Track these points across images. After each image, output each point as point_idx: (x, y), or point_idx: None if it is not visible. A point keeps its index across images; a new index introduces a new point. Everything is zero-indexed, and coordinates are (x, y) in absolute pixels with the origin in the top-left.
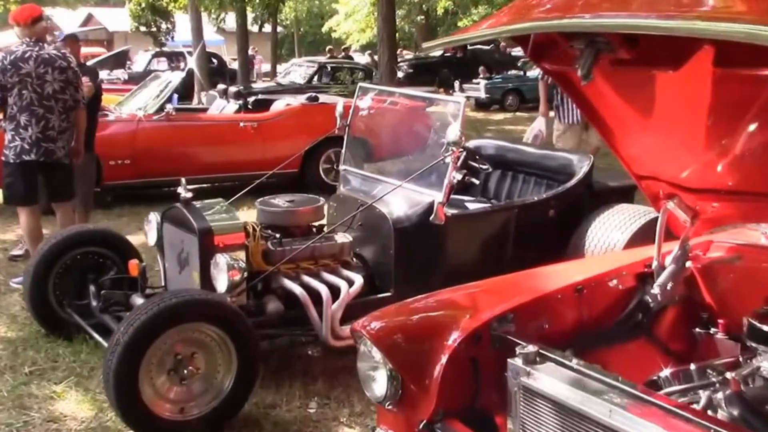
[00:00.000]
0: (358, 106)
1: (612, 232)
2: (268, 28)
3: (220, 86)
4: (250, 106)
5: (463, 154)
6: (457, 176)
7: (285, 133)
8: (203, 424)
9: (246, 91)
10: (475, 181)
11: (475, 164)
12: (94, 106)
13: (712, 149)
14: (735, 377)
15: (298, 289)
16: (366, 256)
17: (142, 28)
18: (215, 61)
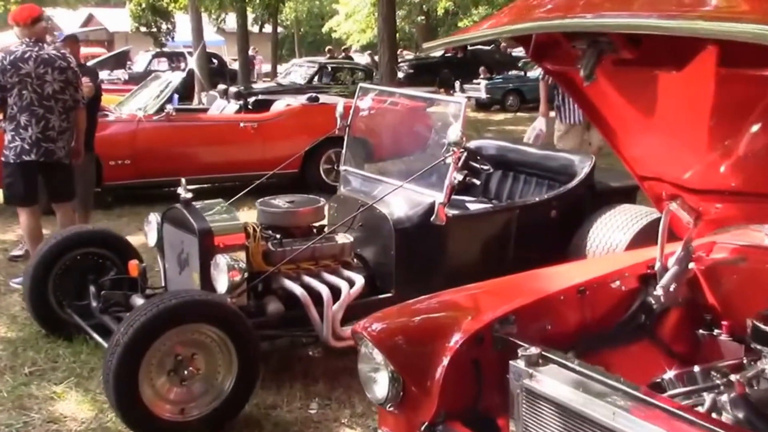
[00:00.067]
0: (359, 107)
1: (614, 233)
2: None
3: (220, 86)
4: (251, 107)
5: (464, 154)
6: (458, 177)
7: (285, 134)
8: (203, 425)
9: (246, 92)
10: (476, 181)
11: (476, 165)
12: (94, 106)
13: (716, 150)
14: (739, 379)
15: (298, 289)
16: (367, 257)
17: (143, 29)
18: (215, 62)
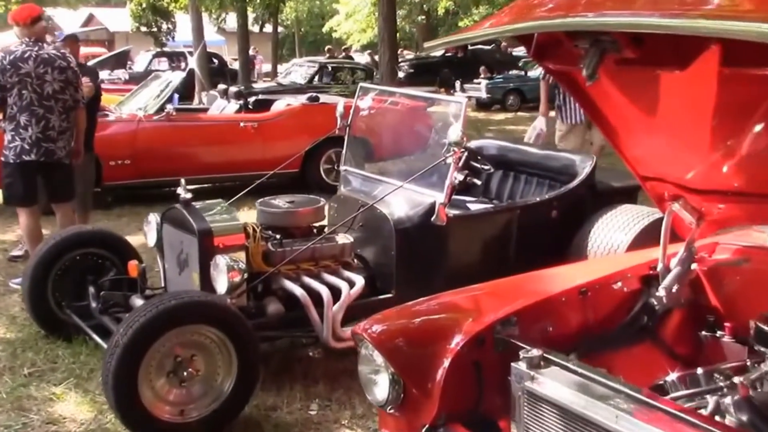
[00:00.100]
0: (359, 107)
1: (615, 233)
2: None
3: (220, 86)
4: (251, 106)
5: (465, 154)
6: (459, 177)
7: (285, 133)
8: (203, 426)
9: (246, 91)
10: (476, 181)
11: (477, 165)
12: (94, 106)
13: (719, 150)
14: (743, 382)
15: (298, 290)
16: (367, 257)
17: (143, 29)
18: (216, 61)
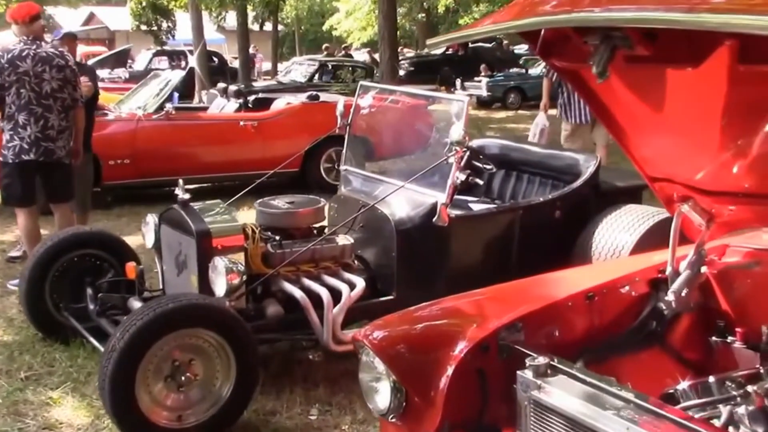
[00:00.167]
0: (359, 105)
1: (620, 234)
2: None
3: (220, 85)
4: (251, 105)
5: (467, 153)
6: (461, 176)
7: (285, 132)
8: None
9: (246, 90)
10: (478, 181)
11: (479, 164)
12: (92, 105)
13: (730, 150)
14: (757, 391)
15: (298, 292)
16: (368, 259)
17: (143, 27)
18: (216, 60)
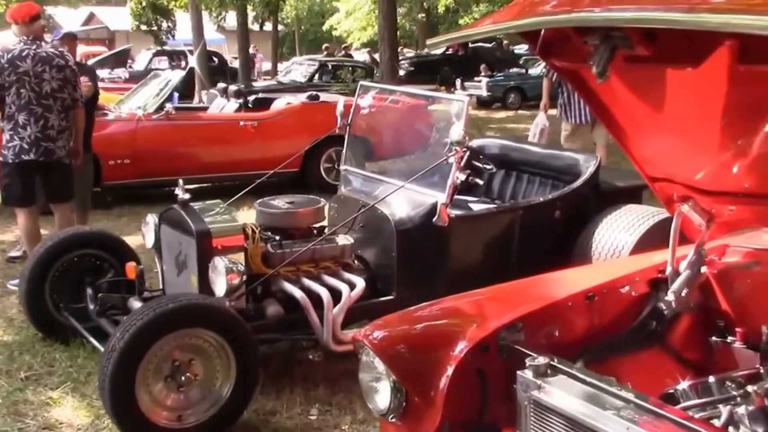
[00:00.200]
0: (359, 105)
1: (620, 234)
2: (269, 26)
3: (220, 85)
4: (251, 105)
5: (467, 153)
6: (461, 176)
7: (285, 132)
8: None
9: (246, 90)
10: (478, 181)
11: (479, 164)
12: (91, 105)
13: (730, 150)
14: (757, 391)
15: (298, 292)
16: (368, 259)
17: (143, 27)
18: (216, 60)
